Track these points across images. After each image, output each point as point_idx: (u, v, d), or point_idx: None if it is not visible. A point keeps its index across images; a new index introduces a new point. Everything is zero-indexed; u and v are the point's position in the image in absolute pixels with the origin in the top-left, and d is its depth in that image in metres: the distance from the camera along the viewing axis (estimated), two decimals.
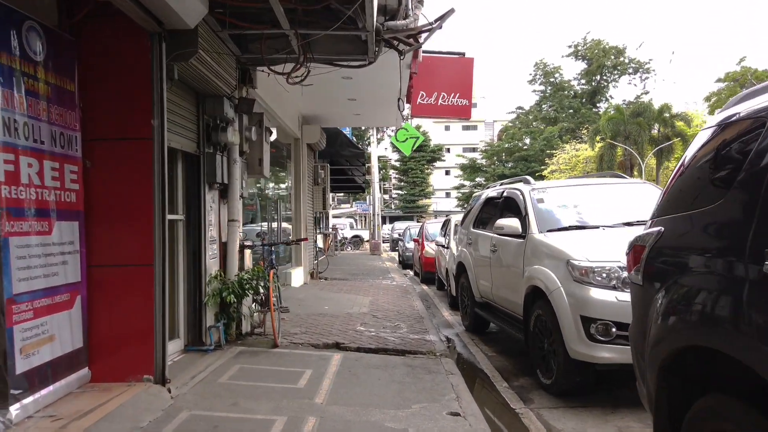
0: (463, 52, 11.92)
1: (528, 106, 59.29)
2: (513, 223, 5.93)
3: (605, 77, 55.33)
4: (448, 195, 63.97)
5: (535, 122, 57.34)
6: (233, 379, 4.88)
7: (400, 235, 24.72)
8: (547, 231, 5.57)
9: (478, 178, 56.24)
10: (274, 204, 11.26)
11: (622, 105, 44.26)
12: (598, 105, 54.89)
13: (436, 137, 59.72)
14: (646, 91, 52.09)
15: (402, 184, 59.07)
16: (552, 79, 56.89)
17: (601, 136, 38.90)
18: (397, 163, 58.34)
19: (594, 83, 55.62)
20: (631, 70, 53.98)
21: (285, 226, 12.01)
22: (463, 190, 58.52)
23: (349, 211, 49.92)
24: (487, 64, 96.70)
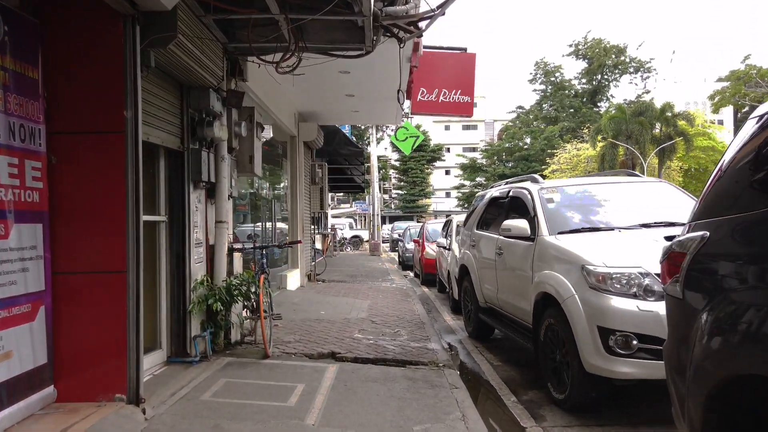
0: (465, 48, 11.51)
1: (528, 106, 59.00)
2: (521, 224, 5.54)
3: (606, 76, 54.92)
4: (448, 195, 63.64)
5: (535, 122, 56.98)
6: (217, 395, 4.46)
7: (400, 236, 24.34)
8: (558, 233, 5.16)
9: (479, 178, 55.99)
10: (268, 204, 10.85)
11: (624, 104, 43.84)
12: (599, 104, 54.53)
13: (436, 137, 59.47)
14: (647, 91, 51.58)
15: (402, 183, 58.77)
16: (553, 79, 56.53)
17: (602, 136, 38.56)
18: (396, 163, 58.03)
19: (595, 82, 55.22)
20: (632, 69, 53.59)
21: (281, 227, 11.60)
22: (463, 190, 58.26)
23: (348, 210, 49.53)
24: (488, 64, 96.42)
